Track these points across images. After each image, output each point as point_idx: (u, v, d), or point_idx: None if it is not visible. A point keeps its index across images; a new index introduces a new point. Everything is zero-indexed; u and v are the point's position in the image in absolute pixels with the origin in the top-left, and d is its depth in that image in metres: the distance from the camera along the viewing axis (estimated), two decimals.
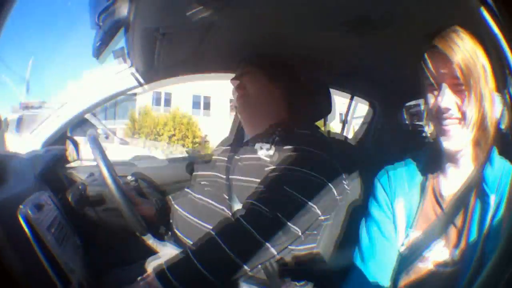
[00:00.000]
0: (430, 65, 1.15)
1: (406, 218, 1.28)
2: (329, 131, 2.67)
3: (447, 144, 1.17)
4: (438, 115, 1.16)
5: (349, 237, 1.47)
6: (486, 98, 1.10)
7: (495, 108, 1.12)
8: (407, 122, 3.30)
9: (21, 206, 1.19)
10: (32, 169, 1.72)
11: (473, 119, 1.11)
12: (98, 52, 1.65)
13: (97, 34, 1.62)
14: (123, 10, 1.44)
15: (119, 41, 1.95)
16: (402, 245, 1.26)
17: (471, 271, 1.05)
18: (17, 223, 1.14)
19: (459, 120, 1.14)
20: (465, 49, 1.10)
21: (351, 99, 3.28)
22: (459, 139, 1.15)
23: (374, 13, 1.66)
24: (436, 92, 1.16)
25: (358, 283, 1.34)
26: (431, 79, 1.16)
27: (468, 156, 1.20)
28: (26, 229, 1.14)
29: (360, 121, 3.45)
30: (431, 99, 1.18)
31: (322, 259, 1.69)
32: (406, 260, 1.24)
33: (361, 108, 3.42)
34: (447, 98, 1.13)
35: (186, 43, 2.08)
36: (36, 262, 1.14)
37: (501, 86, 1.10)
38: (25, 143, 2.26)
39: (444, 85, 1.14)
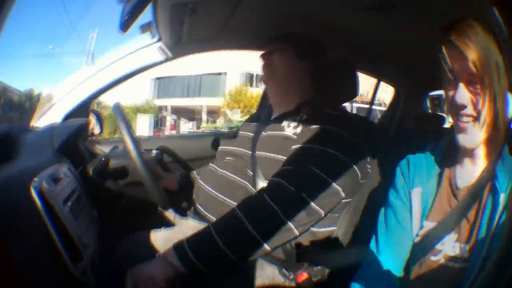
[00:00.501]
0: (447, 60, 1.14)
1: (422, 208, 1.28)
2: (355, 114, 2.62)
3: (463, 140, 1.17)
4: (455, 111, 1.16)
5: (368, 223, 1.43)
6: (499, 98, 1.09)
7: (507, 108, 1.11)
8: (429, 111, 3.25)
9: (35, 179, 1.15)
10: (50, 141, 1.68)
11: (486, 119, 1.11)
12: (126, 26, 1.61)
13: (124, 8, 1.57)
14: None
15: (146, 15, 1.91)
16: (417, 235, 1.26)
17: (476, 270, 1.03)
18: (30, 197, 1.10)
19: (473, 118, 1.13)
20: (480, 46, 1.08)
21: (378, 83, 3.24)
22: (473, 137, 1.15)
23: None
24: (453, 87, 1.15)
25: (371, 271, 1.32)
26: (448, 74, 1.15)
27: (481, 153, 1.19)
28: (38, 202, 1.10)
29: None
30: (450, 93, 1.17)
31: (341, 244, 1.66)
32: (419, 252, 1.23)
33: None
34: (463, 95, 1.12)
35: (216, 18, 2.06)
36: (46, 238, 1.11)
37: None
38: (47, 117, 2.21)
39: (461, 84, 1.12)
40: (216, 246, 1.40)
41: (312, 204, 1.49)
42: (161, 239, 1.73)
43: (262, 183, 1.66)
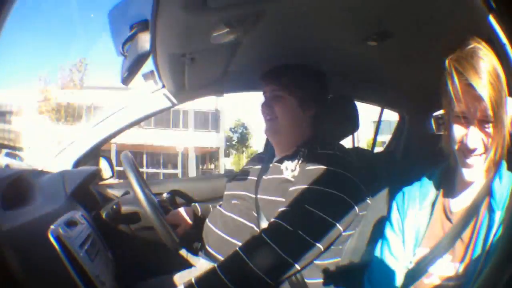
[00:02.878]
0: (461, 98, 1.13)
1: (414, 237, 1.31)
2: (357, 147, 2.67)
3: (469, 175, 1.19)
4: (464, 151, 1.17)
5: (373, 251, 1.51)
6: (505, 124, 1.11)
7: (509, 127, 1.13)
8: (434, 131, 3.27)
9: (52, 226, 1.28)
10: (63, 187, 1.79)
11: (493, 150, 1.13)
12: (126, 81, 1.69)
13: (123, 63, 1.66)
14: (145, 41, 1.47)
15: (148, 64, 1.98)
16: (410, 263, 1.29)
17: (472, 285, 1.07)
18: (48, 242, 1.23)
19: (482, 153, 1.16)
20: (492, 79, 1.08)
21: (381, 111, 3.27)
22: (478, 170, 1.18)
23: (395, 25, 1.70)
24: (464, 127, 1.16)
25: None
26: (459, 114, 1.15)
27: (481, 177, 1.22)
28: (57, 247, 1.24)
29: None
30: (458, 131, 1.17)
31: (346, 275, 1.73)
32: (413, 276, 1.26)
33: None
34: (476, 138, 1.13)
35: (215, 64, 2.13)
36: (67, 278, 1.23)
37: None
38: (56, 163, 2.33)
39: (473, 127, 1.13)
40: (222, 284, 1.52)
41: (310, 240, 1.59)
42: (178, 281, 1.84)
43: (265, 225, 1.73)
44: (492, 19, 0.81)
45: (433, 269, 1.21)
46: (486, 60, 1.09)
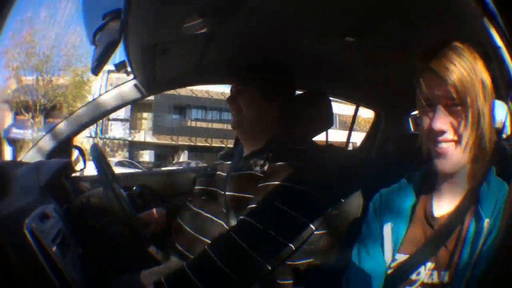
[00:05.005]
0: (423, 88, 1.14)
1: (393, 242, 1.28)
2: (330, 144, 2.70)
3: (442, 165, 1.16)
4: (432, 137, 1.16)
5: (347, 252, 1.48)
6: (483, 116, 1.10)
7: (494, 122, 1.12)
8: (412, 131, 3.31)
9: (26, 221, 1.30)
10: (37, 179, 1.81)
11: (470, 140, 1.11)
12: (97, 70, 1.72)
13: (94, 53, 1.68)
14: (115, 30, 1.49)
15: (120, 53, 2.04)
16: (389, 268, 1.26)
17: None
18: (24, 238, 1.24)
19: (454, 142, 1.13)
20: (462, 67, 1.08)
21: (356, 108, 3.32)
22: (454, 160, 1.15)
23: (370, 24, 1.71)
24: (431, 114, 1.15)
25: None
26: (423, 101, 1.16)
27: (464, 175, 1.19)
28: (32, 243, 1.25)
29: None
30: (426, 121, 1.17)
31: (320, 273, 1.74)
32: (393, 283, 1.23)
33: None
34: (441, 120, 1.12)
35: (187, 56, 2.15)
36: (44, 275, 1.25)
37: (504, 95, 1.02)
38: (30, 155, 2.36)
39: (439, 106, 1.12)
40: (191, 283, 1.54)
41: (280, 239, 1.60)
42: (148, 279, 1.82)
43: (234, 222, 1.75)
44: (486, 22, 0.81)
45: (415, 276, 1.18)
46: (458, 53, 1.11)
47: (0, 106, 25.66)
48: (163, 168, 18.59)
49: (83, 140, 23.69)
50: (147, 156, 32.35)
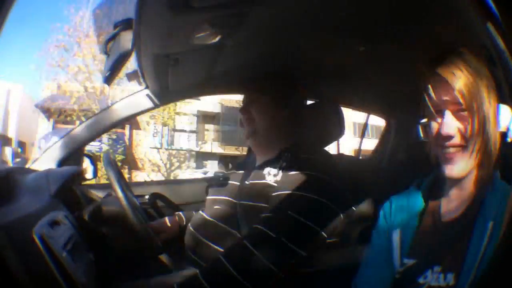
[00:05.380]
0: (431, 93, 1.17)
1: (402, 247, 1.30)
2: (342, 154, 2.71)
3: (450, 171, 1.18)
4: (440, 143, 1.18)
5: (357, 259, 1.50)
6: (489, 121, 1.11)
7: (499, 127, 1.13)
8: (422, 138, 3.27)
9: (36, 226, 1.31)
10: (47, 186, 1.82)
11: (476, 145, 1.12)
12: (109, 80, 1.73)
13: (106, 62, 1.69)
14: (128, 40, 1.50)
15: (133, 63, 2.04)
16: (398, 273, 1.28)
17: None
18: (33, 243, 1.26)
19: (462, 147, 1.15)
20: (468, 73, 1.11)
21: (367, 117, 3.33)
22: (462, 165, 1.16)
23: (382, 33, 1.72)
24: (439, 120, 1.17)
25: None
26: (431, 108, 1.18)
27: (471, 180, 1.20)
28: (42, 248, 1.26)
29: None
30: (434, 126, 1.19)
31: (331, 281, 1.74)
32: (401, 287, 1.26)
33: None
34: (449, 125, 1.15)
35: (199, 66, 2.15)
36: (54, 280, 1.26)
37: (509, 99, 1.07)
38: (41, 162, 2.38)
39: (447, 112, 1.15)
40: None
41: (293, 247, 1.61)
42: (160, 287, 1.84)
43: (247, 231, 1.76)
44: (490, 27, 0.82)
45: (423, 279, 1.19)
46: (465, 59, 1.14)
47: (36, 114, 25.82)
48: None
49: (146, 150, 24.23)
50: (210, 166, 32.38)
